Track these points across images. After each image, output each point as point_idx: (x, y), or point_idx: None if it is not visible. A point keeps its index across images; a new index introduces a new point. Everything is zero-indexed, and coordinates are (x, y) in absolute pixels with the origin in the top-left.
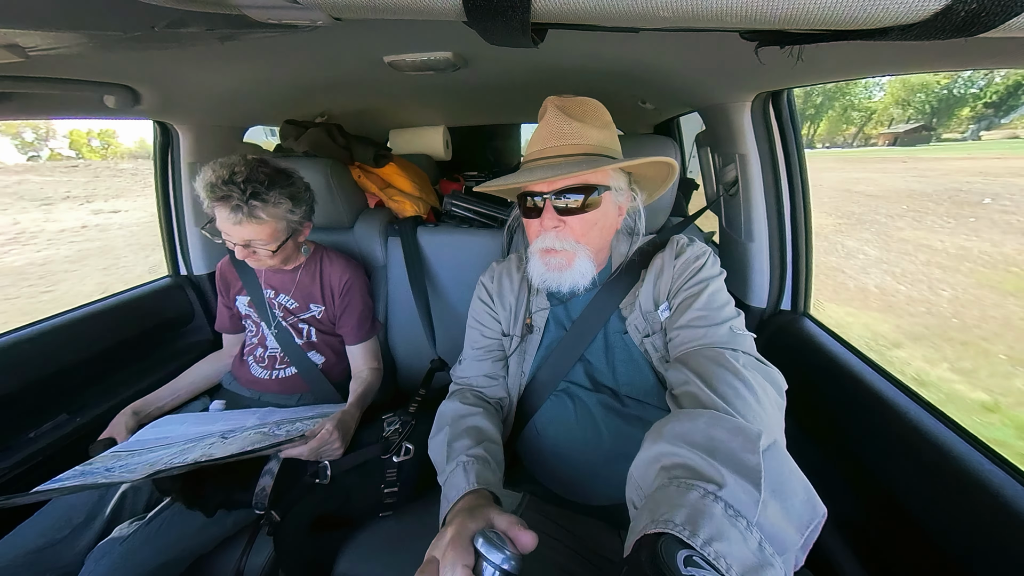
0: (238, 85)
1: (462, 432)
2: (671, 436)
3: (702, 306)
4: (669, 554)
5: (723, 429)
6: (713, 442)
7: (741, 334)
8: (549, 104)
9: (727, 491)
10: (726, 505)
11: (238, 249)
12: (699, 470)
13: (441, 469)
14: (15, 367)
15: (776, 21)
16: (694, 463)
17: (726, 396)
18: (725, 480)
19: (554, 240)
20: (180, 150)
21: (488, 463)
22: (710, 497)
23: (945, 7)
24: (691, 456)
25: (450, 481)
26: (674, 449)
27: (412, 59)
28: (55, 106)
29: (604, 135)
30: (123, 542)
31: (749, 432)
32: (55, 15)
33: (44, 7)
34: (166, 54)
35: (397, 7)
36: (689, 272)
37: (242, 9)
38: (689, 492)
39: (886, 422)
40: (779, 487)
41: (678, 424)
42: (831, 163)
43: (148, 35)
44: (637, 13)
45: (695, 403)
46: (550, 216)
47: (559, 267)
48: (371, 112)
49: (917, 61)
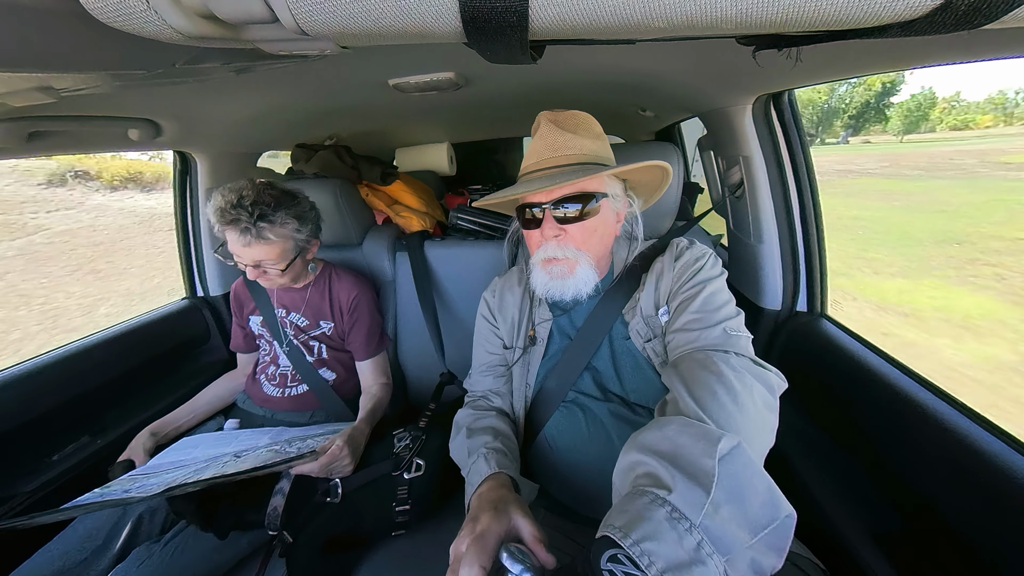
0: (251, 113)
1: (479, 431)
2: (640, 446)
3: (698, 308)
4: (596, 553)
5: (687, 435)
6: (677, 448)
7: (735, 335)
8: (542, 119)
9: (675, 495)
10: (672, 508)
11: (249, 270)
12: (657, 477)
13: (464, 464)
14: (41, 392)
15: (772, 25)
16: (655, 471)
17: (702, 401)
18: (676, 485)
19: (555, 249)
20: (198, 177)
21: (505, 454)
22: (658, 502)
23: (944, 2)
24: (655, 464)
25: (473, 470)
26: (642, 458)
27: (416, 80)
28: (83, 142)
29: (597, 144)
30: (140, 565)
31: (711, 436)
32: (84, 58)
33: (74, 51)
34: (185, 88)
35: (400, 33)
36: (688, 274)
37: (255, 43)
38: (640, 498)
39: (918, 427)
40: (736, 489)
41: (649, 433)
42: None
43: (169, 71)
44: (632, 26)
45: (674, 410)
46: (550, 225)
47: (561, 275)
48: (378, 132)
49: (920, 55)
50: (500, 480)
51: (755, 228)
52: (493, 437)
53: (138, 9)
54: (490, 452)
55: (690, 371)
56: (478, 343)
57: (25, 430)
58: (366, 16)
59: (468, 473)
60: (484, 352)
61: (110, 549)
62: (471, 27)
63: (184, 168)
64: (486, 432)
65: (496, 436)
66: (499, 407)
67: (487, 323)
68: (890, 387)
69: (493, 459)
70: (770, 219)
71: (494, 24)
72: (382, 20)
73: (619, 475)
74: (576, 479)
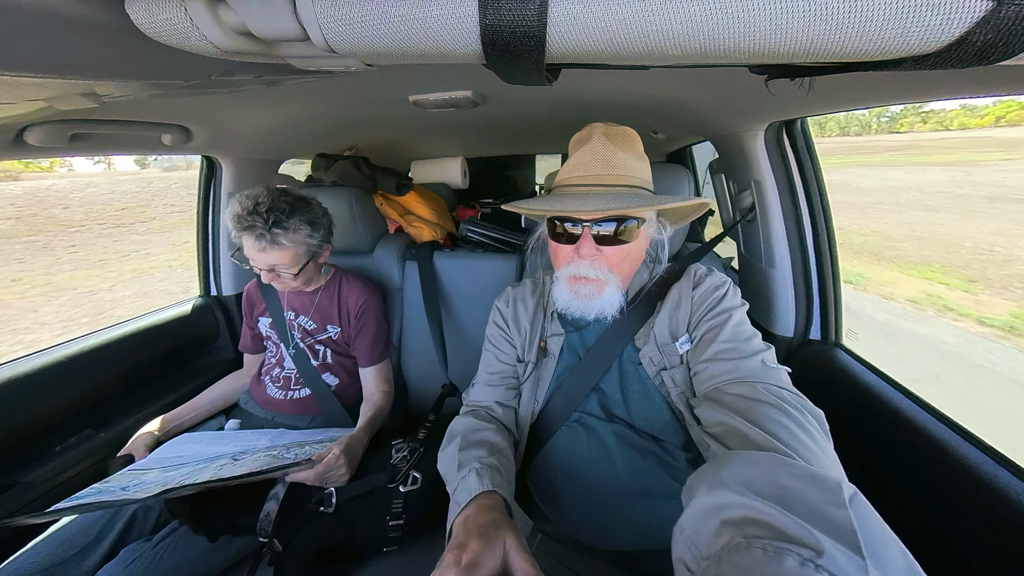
0: (277, 123)
1: (474, 444)
2: (734, 483)
3: (728, 338)
4: None
5: (792, 476)
6: (785, 492)
7: (775, 368)
8: (596, 131)
9: (827, 559)
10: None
11: (264, 274)
12: (781, 528)
13: (451, 479)
14: (51, 383)
15: (784, 56)
16: (771, 519)
17: (779, 436)
18: (821, 544)
19: (588, 268)
20: (222, 181)
21: (501, 473)
22: (810, 566)
23: (960, 38)
24: (764, 509)
25: (461, 486)
26: (740, 499)
27: (435, 98)
28: (121, 144)
29: (642, 167)
30: (128, 564)
31: (826, 481)
32: (130, 68)
33: (122, 62)
34: (217, 97)
35: (423, 54)
36: (709, 303)
37: (286, 59)
38: (783, 558)
39: (936, 464)
40: (875, 551)
41: (737, 468)
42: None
43: (205, 82)
44: (647, 52)
45: (745, 443)
46: (588, 244)
47: (589, 295)
48: (395, 145)
49: (934, 89)
50: (492, 501)
51: (767, 252)
52: (489, 452)
53: (183, 25)
54: (484, 468)
55: (743, 401)
56: (488, 350)
57: (34, 421)
58: (391, 37)
59: (455, 489)
60: (494, 360)
61: (100, 547)
62: (490, 50)
63: (211, 173)
64: (481, 446)
65: (492, 452)
66: (501, 420)
67: (500, 330)
68: (907, 422)
69: (487, 475)
70: (782, 244)
71: (513, 48)
72: (406, 42)
73: (697, 518)
74: (576, 501)
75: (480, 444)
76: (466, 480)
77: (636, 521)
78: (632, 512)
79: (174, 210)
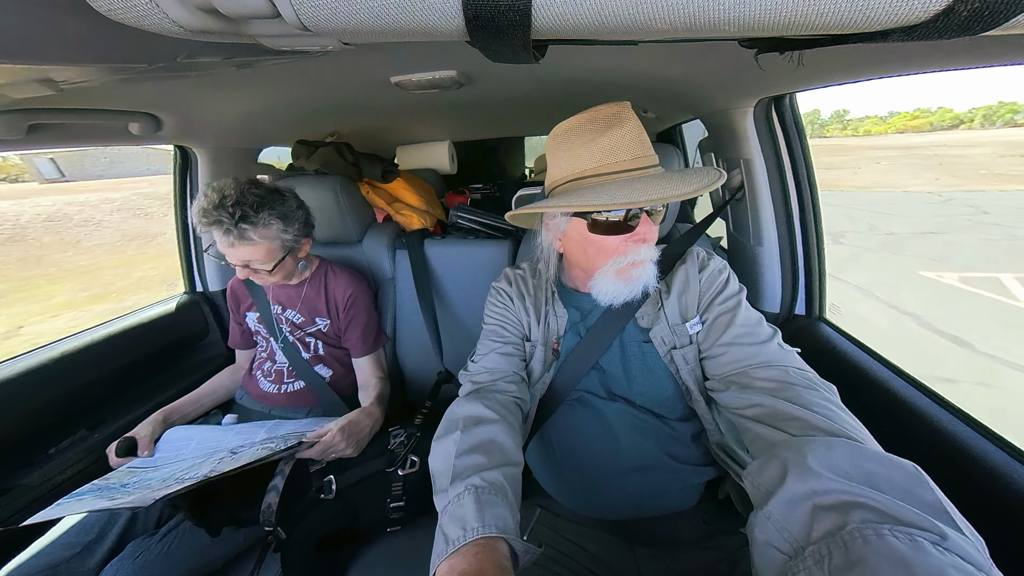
0: (252, 109)
1: (476, 445)
2: (824, 469)
3: (742, 322)
4: None
5: (871, 460)
6: (872, 476)
7: (790, 350)
8: (625, 109)
9: (951, 542)
10: (961, 559)
11: (238, 269)
12: (891, 513)
13: (442, 486)
14: (40, 386)
15: (774, 28)
16: (876, 503)
17: (831, 416)
18: (938, 526)
19: (645, 251)
20: (198, 172)
21: (506, 495)
22: (942, 550)
23: (947, 7)
24: (866, 493)
25: (453, 511)
26: (835, 485)
27: (418, 78)
28: (84, 135)
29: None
30: (135, 559)
31: (904, 464)
32: (85, 51)
33: (75, 44)
34: (186, 82)
35: (403, 30)
36: (716, 286)
37: (257, 38)
38: (921, 543)
39: (915, 431)
40: (964, 526)
41: (820, 454)
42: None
43: (171, 66)
44: (634, 27)
45: (806, 427)
46: (651, 228)
47: (638, 277)
48: (379, 130)
49: (922, 61)
50: (493, 554)
51: (755, 231)
52: (491, 462)
53: (140, 2)
54: (485, 489)
55: (778, 385)
56: (492, 325)
57: (25, 424)
58: (368, 13)
59: (444, 507)
60: (501, 330)
61: (104, 543)
62: (474, 25)
63: (185, 163)
64: (483, 451)
65: (496, 461)
66: (514, 396)
67: (503, 306)
68: (887, 391)
69: (487, 504)
70: (770, 222)
71: (497, 23)
72: (385, 17)
73: (786, 504)
74: (576, 477)
75: (481, 448)
76: (460, 505)
77: (632, 493)
78: (628, 484)
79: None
